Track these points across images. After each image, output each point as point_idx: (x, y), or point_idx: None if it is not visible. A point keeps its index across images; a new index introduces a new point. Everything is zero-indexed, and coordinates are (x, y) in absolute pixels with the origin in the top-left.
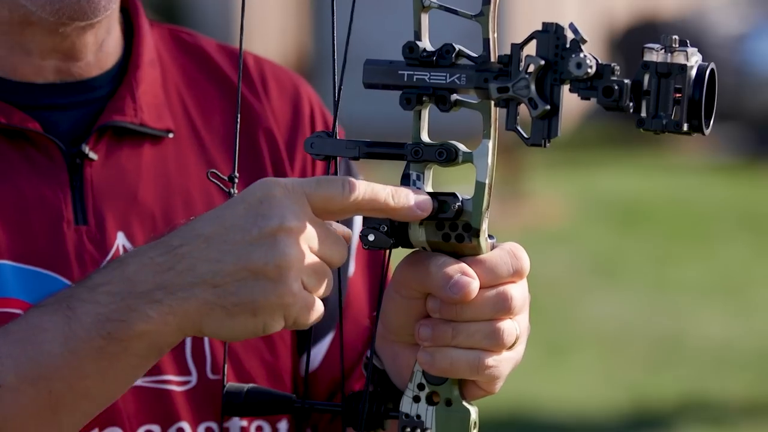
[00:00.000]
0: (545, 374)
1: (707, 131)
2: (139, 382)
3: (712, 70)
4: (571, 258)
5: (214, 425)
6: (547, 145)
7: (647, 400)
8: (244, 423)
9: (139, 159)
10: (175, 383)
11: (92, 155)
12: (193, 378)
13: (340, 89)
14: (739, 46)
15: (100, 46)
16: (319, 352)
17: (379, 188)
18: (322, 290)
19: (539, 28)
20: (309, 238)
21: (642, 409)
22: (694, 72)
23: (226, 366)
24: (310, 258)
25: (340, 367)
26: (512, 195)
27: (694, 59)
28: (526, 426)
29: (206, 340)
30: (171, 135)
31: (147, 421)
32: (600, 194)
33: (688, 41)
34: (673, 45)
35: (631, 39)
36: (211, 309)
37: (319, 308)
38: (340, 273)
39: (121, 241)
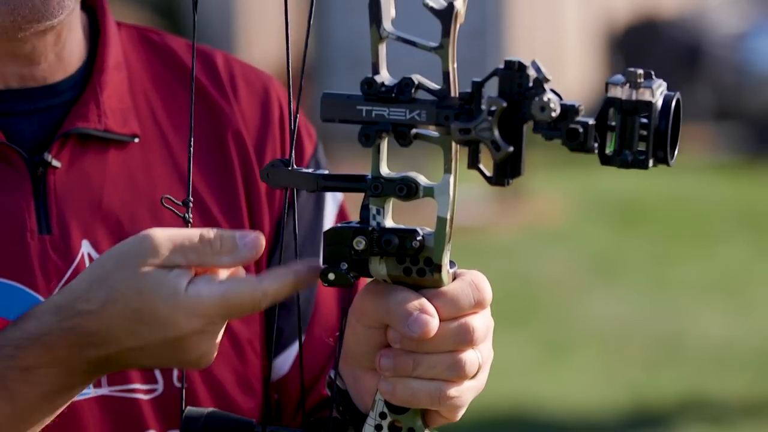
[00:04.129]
0: (545, 373)
1: (672, 162)
2: (105, 392)
3: (677, 100)
4: (571, 257)
5: None
6: (510, 183)
7: (647, 399)
8: None
9: (104, 165)
10: (141, 391)
11: (55, 163)
12: (159, 386)
13: (296, 114)
14: (739, 44)
15: (63, 46)
16: (288, 357)
17: (281, 281)
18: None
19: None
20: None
21: (642, 408)
22: (660, 103)
23: (184, 392)
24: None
25: (310, 371)
26: (512, 194)
27: (659, 92)
28: (526, 425)
29: None
30: (137, 140)
31: (114, 430)
32: (600, 193)
33: (652, 73)
34: (638, 80)
35: (631, 39)
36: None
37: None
38: (298, 296)
39: (86, 249)
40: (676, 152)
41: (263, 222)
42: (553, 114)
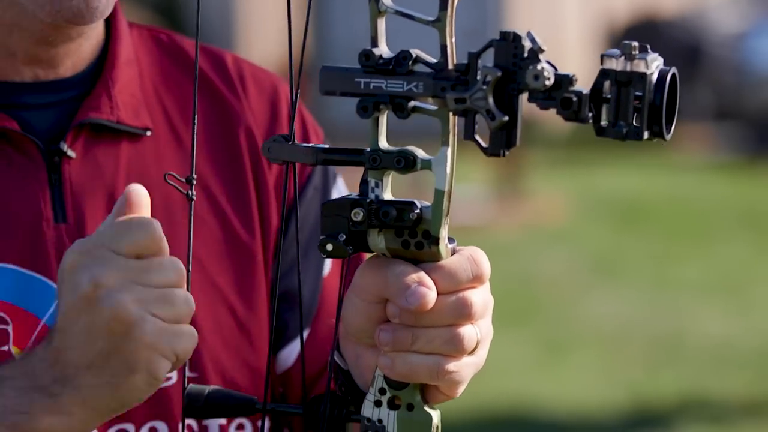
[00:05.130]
0: (545, 373)
1: (668, 137)
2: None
3: (673, 75)
4: (571, 256)
5: (193, 423)
6: (506, 154)
7: (647, 398)
8: (223, 421)
9: (117, 156)
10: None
11: (70, 153)
12: (174, 375)
13: (297, 92)
14: (739, 44)
15: (82, 50)
16: (293, 350)
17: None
18: (179, 311)
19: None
20: (131, 277)
21: (642, 408)
22: (655, 77)
23: (187, 369)
24: (146, 292)
25: (314, 365)
26: (512, 193)
27: (654, 65)
28: (526, 424)
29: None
30: (149, 133)
31: (151, 418)
32: (600, 193)
33: (648, 47)
34: (633, 52)
35: (632, 38)
36: (100, 392)
37: (191, 331)
38: (299, 273)
39: None
40: (672, 127)
41: (271, 215)
42: (547, 82)
